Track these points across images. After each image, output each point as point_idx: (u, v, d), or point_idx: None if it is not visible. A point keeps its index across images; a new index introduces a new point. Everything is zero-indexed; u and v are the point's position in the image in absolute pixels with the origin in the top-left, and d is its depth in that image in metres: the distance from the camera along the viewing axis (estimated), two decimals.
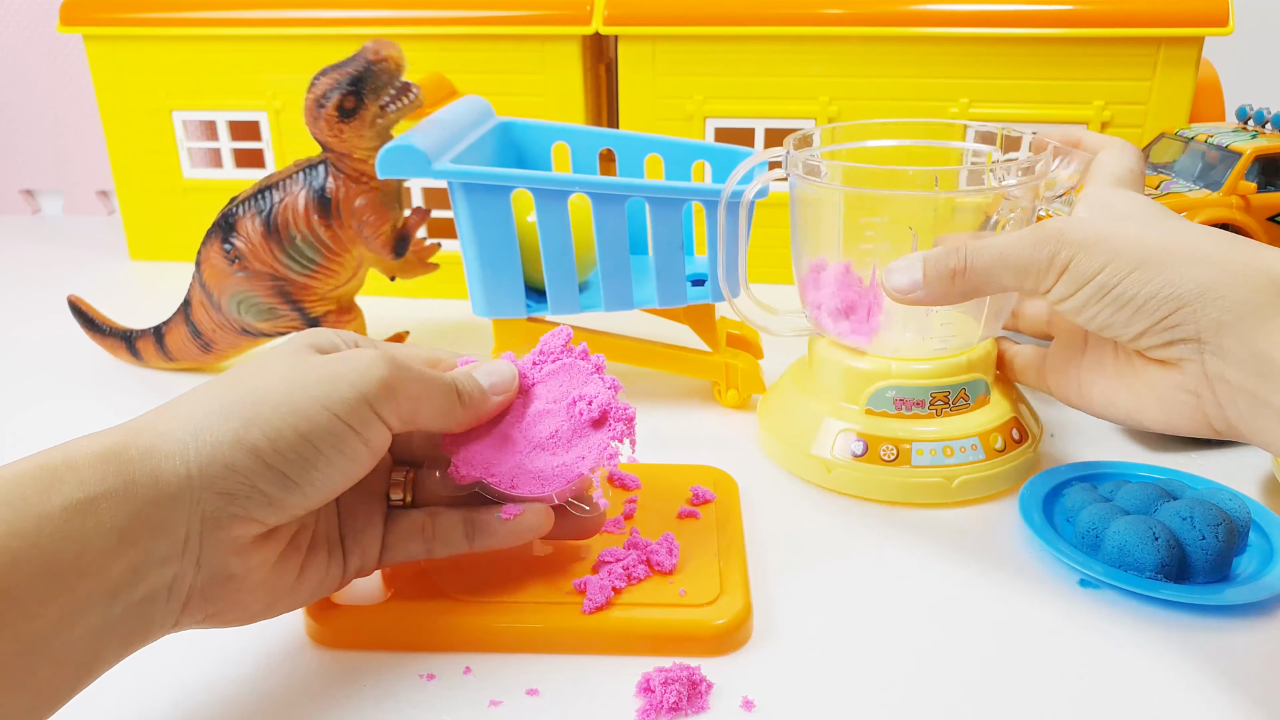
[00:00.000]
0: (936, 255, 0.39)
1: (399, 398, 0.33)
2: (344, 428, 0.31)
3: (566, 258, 0.54)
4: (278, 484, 0.31)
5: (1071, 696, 0.35)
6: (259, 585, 0.32)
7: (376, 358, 0.33)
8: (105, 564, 0.27)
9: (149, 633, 0.30)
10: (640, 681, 0.35)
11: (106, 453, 0.29)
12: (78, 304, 0.63)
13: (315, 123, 0.53)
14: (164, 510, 0.29)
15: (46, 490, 0.27)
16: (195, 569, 0.30)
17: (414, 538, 0.37)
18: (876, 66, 0.69)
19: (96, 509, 0.27)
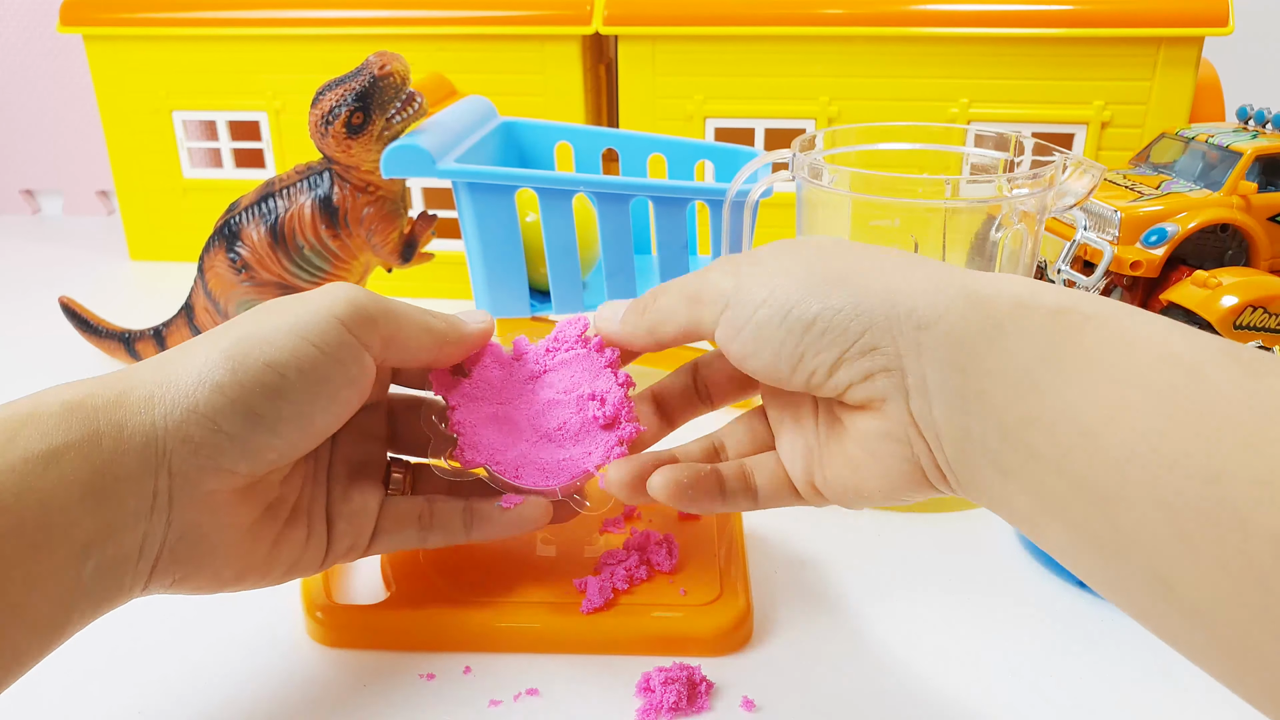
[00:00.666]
0: (640, 297, 0.35)
1: (376, 319, 0.32)
2: (315, 350, 0.30)
3: (570, 257, 0.54)
4: (242, 420, 0.29)
5: (1072, 699, 0.35)
6: (231, 550, 0.31)
7: (350, 285, 0.32)
8: (71, 520, 0.26)
9: (119, 594, 0.28)
10: (640, 681, 0.35)
11: (72, 402, 0.27)
12: (70, 305, 0.62)
13: (322, 139, 0.53)
14: (130, 462, 0.27)
15: (10, 441, 0.26)
16: (165, 527, 0.29)
17: (410, 524, 0.36)
18: (876, 66, 0.69)
19: (59, 461, 0.26)
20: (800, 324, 0.29)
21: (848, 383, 0.29)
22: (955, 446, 0.27)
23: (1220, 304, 0.49)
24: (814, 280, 0.29)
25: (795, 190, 0.49)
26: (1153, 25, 0.64)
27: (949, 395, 0.27)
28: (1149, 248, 0.53)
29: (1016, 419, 0.25)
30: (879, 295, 0.28)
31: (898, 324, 0.28)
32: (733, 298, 0.30)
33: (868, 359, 0.28)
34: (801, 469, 0.33)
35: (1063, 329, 0.26)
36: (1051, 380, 0.25)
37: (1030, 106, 0.68)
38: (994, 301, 0.27)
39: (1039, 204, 0.45)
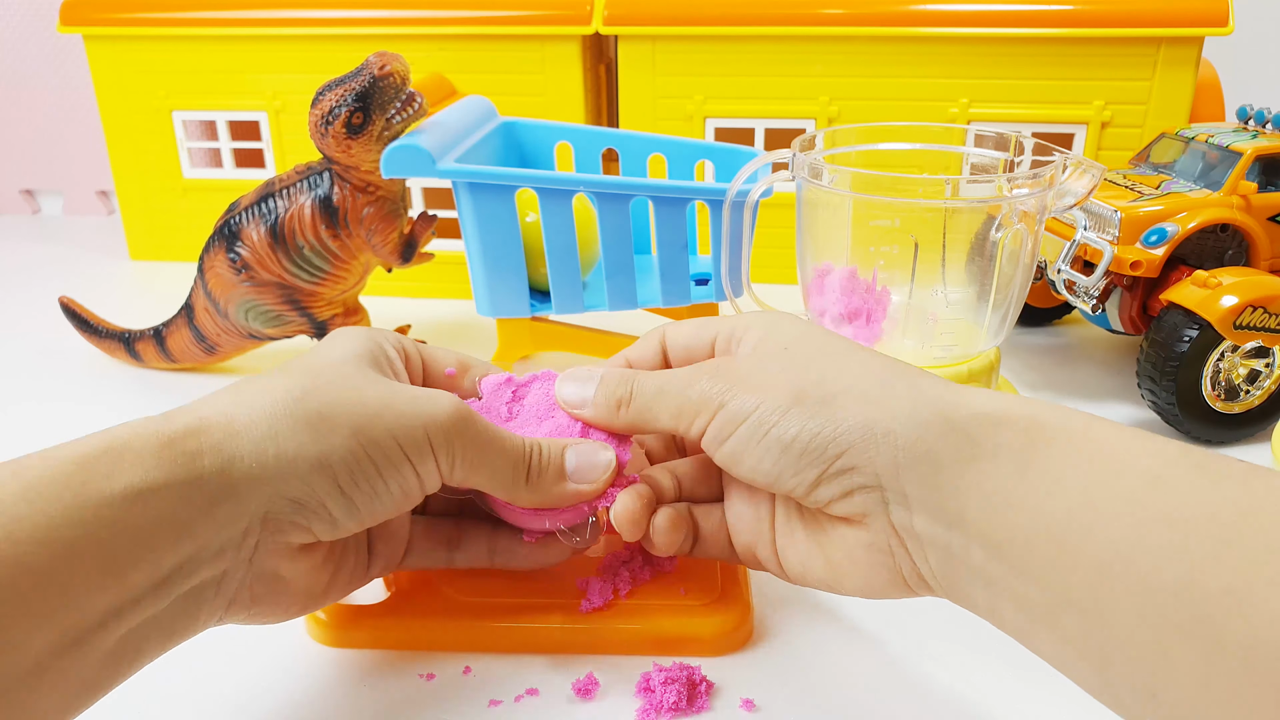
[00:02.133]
0: (609, 380, 0.35)
1: (463, 448, 0.32)
2: (408, 466, 0.31)
3: (570, 257, 0.54)
4: (345, 510, 0.31)
5: (1072, 696, 0.35)
6: (301, 587, 0.32)
7: (449, 403, 0.32)
8: (160, 558, 0.27)
9: (193, 627, 0.29)
10: (640, 681, 0.35)
11: (173, 439, 0.28)
12: (70, 305, 0.62)
13: (322, 139, 0.53)
14: (229, 509, 0.28)
15: (109, 475, 0.26)
16: (247, 567, 0.30)
17: (440, 546, 0.38)
18: (876, 66, 0.69)
19: (158, 499, 0.27)
20: (779, 444, 0.30)
21: (828, 498, 0.30)
22: (939, 560, 0.29)
23: (1220, 304, 0.49)
24: (795, 398, 0.30)
25: (795, 190, 0.49)
26: (1153, 25, 0.64)
27: (930, 511, 0.28)
28: (1149, 248, 0.53)
29: (997, 536, 0.27)
30: (857, 418, 0.29)
31: (875, 446, 0.29)
32: (721, 409, 0.31)
33: (846, 478, 0.29)
34: (747, 540, 0.35)
35: (1034, 444, 0.27)
36: (1026, 496, 0.26)
37: (1030, 106, 0.68)
38: (967, 421, 0.28)
39: (1039, 204, 0.45)
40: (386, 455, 0.31)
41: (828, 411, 0.30)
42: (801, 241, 0.49)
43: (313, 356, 0.33)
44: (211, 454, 0.28)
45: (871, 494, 0.29)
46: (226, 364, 0.62)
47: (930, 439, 0.28)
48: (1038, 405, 0.28)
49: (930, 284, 0.48)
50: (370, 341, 0.35)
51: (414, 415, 0.31)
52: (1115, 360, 0.63)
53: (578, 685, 0.35)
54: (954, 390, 0.30)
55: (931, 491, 0.28)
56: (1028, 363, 0.63)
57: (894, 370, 0.31)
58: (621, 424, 0.35)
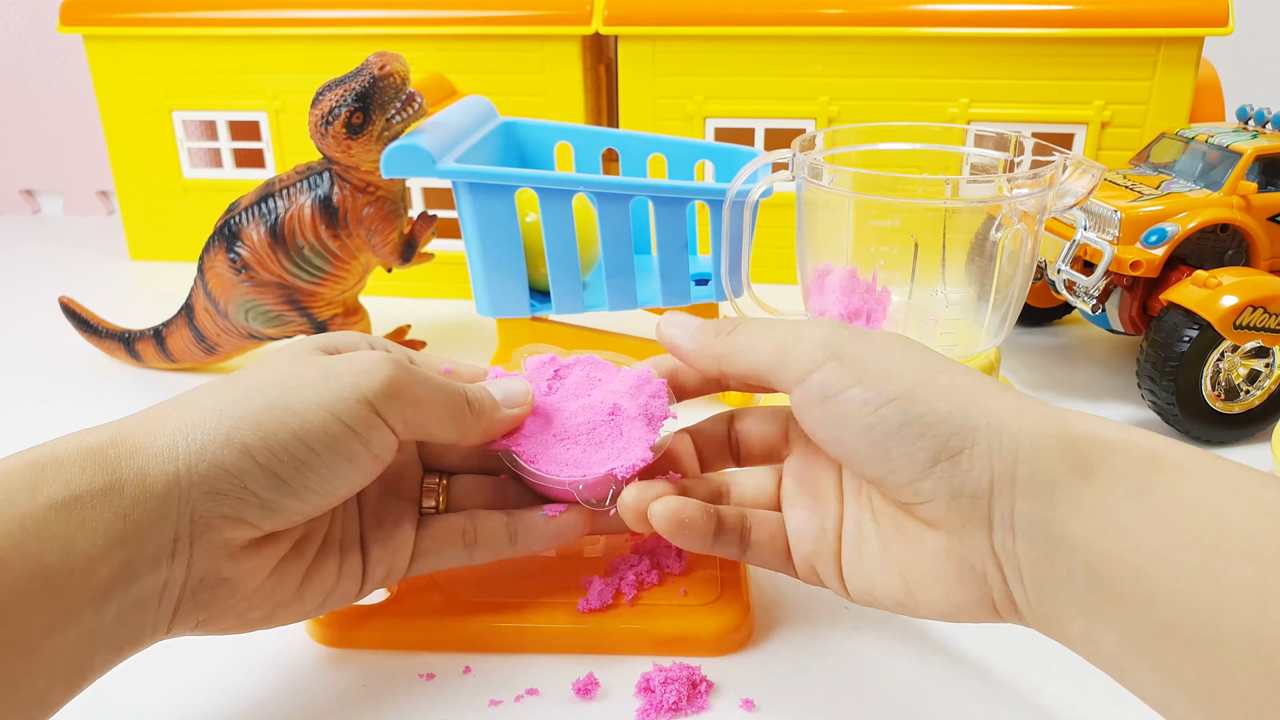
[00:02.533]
0: (714, 320, 0.34)
1: (403, 400, 0.31)
2: (343, 428, 0.30)
3: (570, 257, 0.54)
4: (270, 485, 0.29)
5: (1073, 696, 0.35)
6: (255, 592, 0.31)
7: (380, 358, 0.31)
8: (92, 566, 0.26)
9: (140, 640, 0.29)
10: (640, 681, 0.35)
11: (93, 450, 0.28)
12: (70, 305, 0.62)
13: (322, 139, 0.53)
14: (151, 509, 0.28)
15: (33, 488, 0.26)
16: (185, 572, 0.29)
17: (453, 543, 0.36)
18: (876, 66, 0.69)
19: (82, 508, 0.27)
20: (898, 417, 0.28)
21: (930, 496, 0.28)
22: (1037, 583, 0.27)
23: (1220, 304, 0.49)
24: (925, 379, 0.28)
25: (795, 190, 0.49)
26: (1153, 25, 0.64)
27: (1036, 531, 0.27)
28: (1149, 248, 0.53)
29: (1105, 559, 0.25)
30: (985, 416, 0.28)
31: (999, 450, 0.27)
32: (828, 364, 0.29)
33: (960, 477, 0.27)
34: (807, 551, 0.33)
35: (1153, 471, 0.26)
36: (1139, 523, 0.25)
37: (1030, 106, 0.68)
38: (1088, 442, 0.27)
39: (1039, 204, 0.45)
40: (308, 420, 0.29)
41: (957, 399, 0.28)
42: (801, 241, 0.49)
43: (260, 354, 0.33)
44: (129, 458, 0.28)
45: (978, 503, 0.27)
46: (226, 364, 0.62)
47: (1050, 454, 0.27)
48: (1156, 437, 0.27)
49: (930, 284, 0.48)
50: (328, 336, 0.34)
51: (341, 378, 0.30)
52: (1115, 360, 0.63)
53: (578, 685, 0.35)
54: (1067, 411, 0.29)
55: (1041, 510, 0.26)
56: (1028, 363, 0.63)
57: (1005, 386, 0.30)
58: (716, 351, 0.32)
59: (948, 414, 0.28)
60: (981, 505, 0.27)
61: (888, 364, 0.29)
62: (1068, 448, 0.27)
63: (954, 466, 0.27)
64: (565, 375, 0.38)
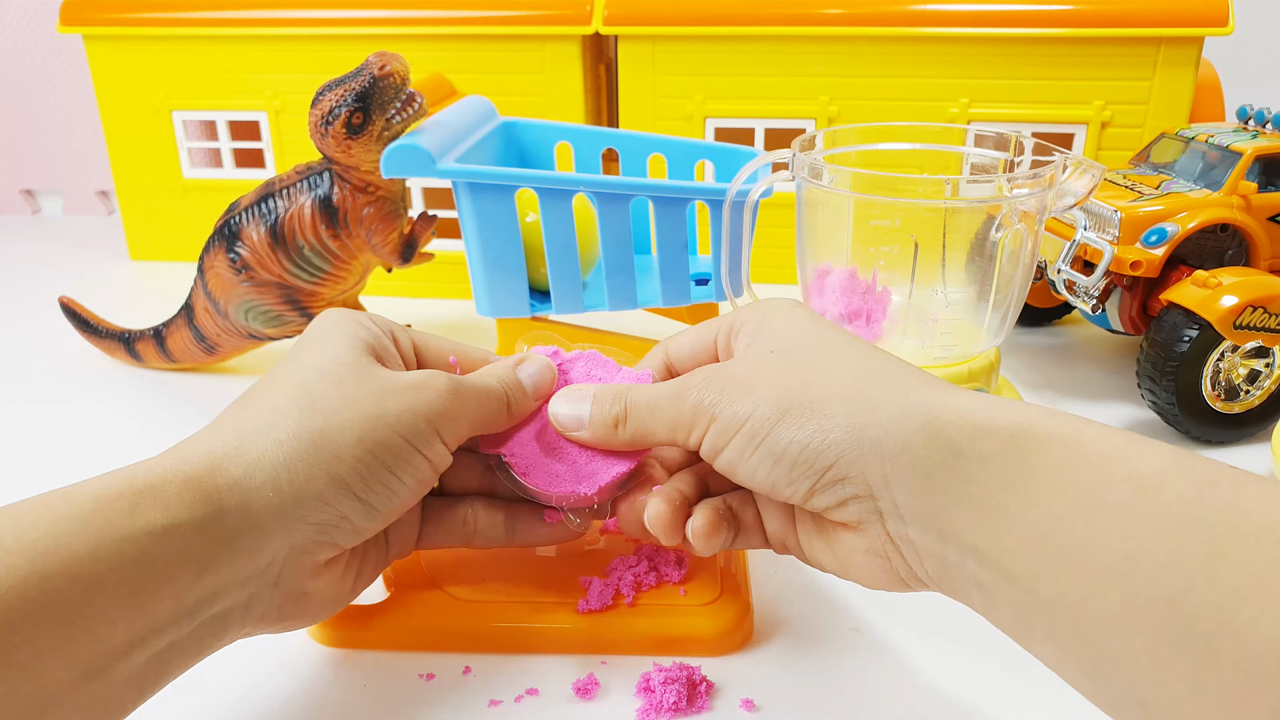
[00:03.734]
0: (602, 398, 0.35)
1: (459, 420, 0.34)
2: (419, 456, 0.32)
3: (570, 257, 0.54)
4: (365, 515, 0.31)
5: (1072, 697, 0.35)
6: (328, 598, 0.33)
7: (440, 382, 0.33)
8: (184, 591, 0.27)
9: (217, 645, 0.30)
10: (640, 681, 0.35)
11: (192, 480, 0.29)
12: (70, 305, 0.62)
13: (322, 139, 0.53)
14: (251, 539, 0.29)
15: (130, 513, 0.27)
16: (272, 590, 0.30)
17: (455, 531, 0.38)
18: (876, 66, 0.69)
19: (182, 536, 0.27)
20: (771, 456, 0.30)
21: (824, 506, 0.30)
22: (935, 566, 0.29)
23: (1220, 304, 0.49)
24: (782, 409, 0.30)
25: (795, 190, 0.49)
26: (1153, 25, 0.64)
27: (922, 522, 0.28)
28: (1149, 248, 0.53)
29: (987, 546, 0.27)
30: (844, 428, 0.29)
31: (863, 456, 0.29)
32: (714, 422, 0.31)
33: (839, 487, 0.30)
34: (776, 531, 0.35)
35: (1021, 451, 0.27)
36: (1015, 504, 0.26)
37: (1030, 106, 0.68)
38: (954, 429, 0.28)
39: (1039, 204, 0.45)
40: (395, 453, 0.31)
41: (814, 421, 0.30)
42: (801, 242, 0.49)
43: (303, 355, 0.33)
44: (230, 490, 0.29)
45: (865, 503, 0.29)
46: (226, 364, 0.62)
47: (916, 448, 0.28)
48: (1025, 411, 0.28)
49: (930, 284, 0.48)
50: (358, 329, 0.35)
51: (413, 408, 0.32)
52: (1115, 360, 0.63)
53: (578, 685, 0.35)
54: (941, 392, 0.30)
55: (922, 502, 0.28)
56: (1028, 363, 0.63)
57: (881, 372, 0.31)
58: (621, 442, 0.34)
59: (807, 442, 0.29)
60: (869, 506, 0.29)
61: (752, 400, 0.31)
62: (934, 438, 0.28)
63: (831, 483, 0.30)
64: (568, 370, 0.38)
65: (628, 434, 0.34)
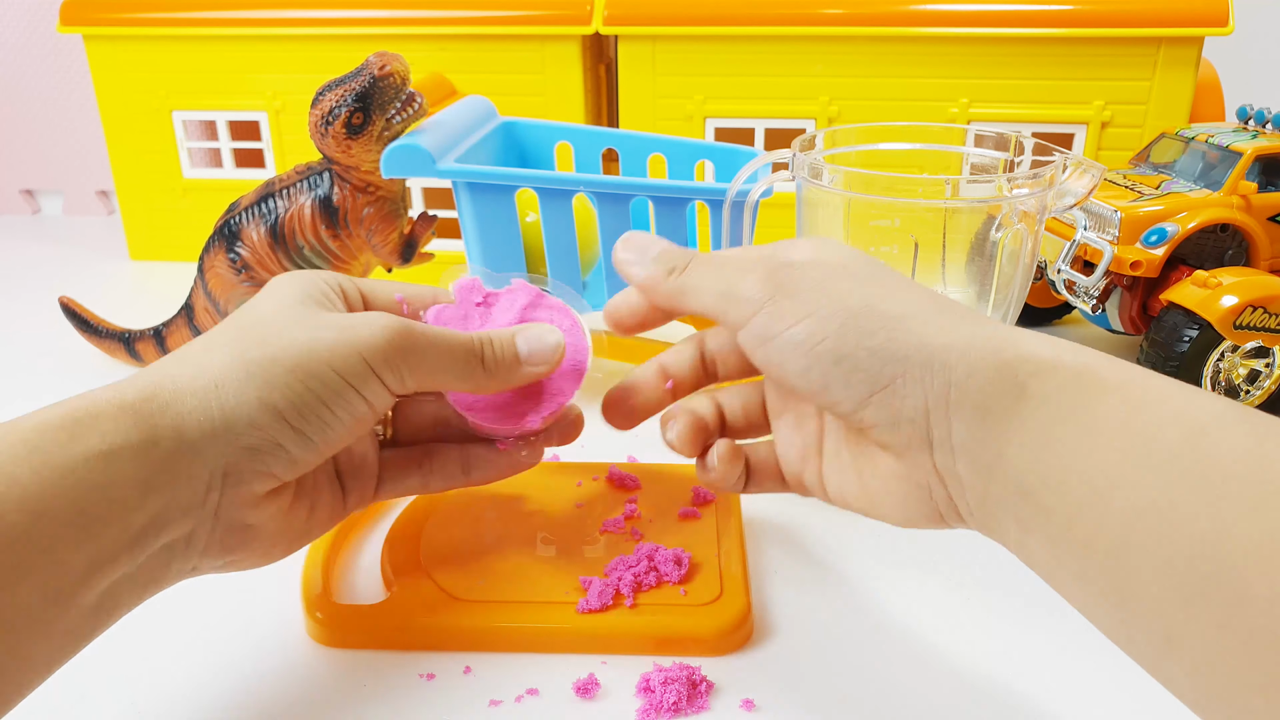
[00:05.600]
0: (671, 249, 0.34)
1: (411, 360, 0.33)
2: (352, 392, 0.32)
3: (570, 257, 0.54)
4: (299, 443, 0.31)
5: (1074, 695, 0.35)
6: (274, 532, 0.33)
7: (382, 324, 0.33)
8: (128, 513, 0.28)
9: (164, 579, 0.31)
10: (640, 682, 0.35)
11: (127, 405, 0.29)
12: (70, 305, 0.62)
13: (322, 139, 0.53)
14: (186, 462, 0.29)
15: (70, 439, 0.28)
16: (213, 520, 0.31)
17: (410, 473, 0.38)
18: (876, 66, 0.69)
19: (120, 459, 0.28)
20: (832, 354, 0.29)
21: (873, 422, 0.29)
22: (977, 497, 0.28)
23: (1220, 304, 0.49)
24: (853, 314, 0.29)
25: (795, 190, 0.49)
26: (1153, 25, 0.64)
27: (973, 452, 0.28)
28: (1149, 248, 0.53)
29: (1034, 478, 0.26)
30: (915, 344, 0.29)
31: (930, 377, 0.28)
32: (766, 306, 0.30)
33: (896, 404, 0.29)
34: (795, 468, 0.35)
35: (1082, 391, 0.27)
36: (1066, 441, 0.26)
37: (1030, 106, 0.68)
38: (1020, 364, 0.28)
39: (1039, 204, 0.45)
40: (328, 386, 0.31)
41: (888, 330, 0.29)
42: None
43: (251, 305, 0.34)
44: (163, 414, 0.29)
45: (917, 427, 0.29)
46: None
47: (980, 379, 0.28)
48: (1091, 354, 0.28)
49: (930, 284, 0.48)
50: (305, 282, 0.35)
51: (348, 343, 0.32)
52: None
53: (578, 685, 0.35)
54: (1008, 330, 0.29)
55: (977, 432, 0.28)
56: None
57: (949, 303, 0.31)
58: (665, 291, 0.33)
59: (879, 346, 0.29)
60: (920, 429, 0.29)
61: (823, 298, 0.30)
62: (1001, 369, 0.28)
63: (889, 395, 0.29)
64: (494, 301, 0.39)
65: (676, 283, 0.33)
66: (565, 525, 0.43)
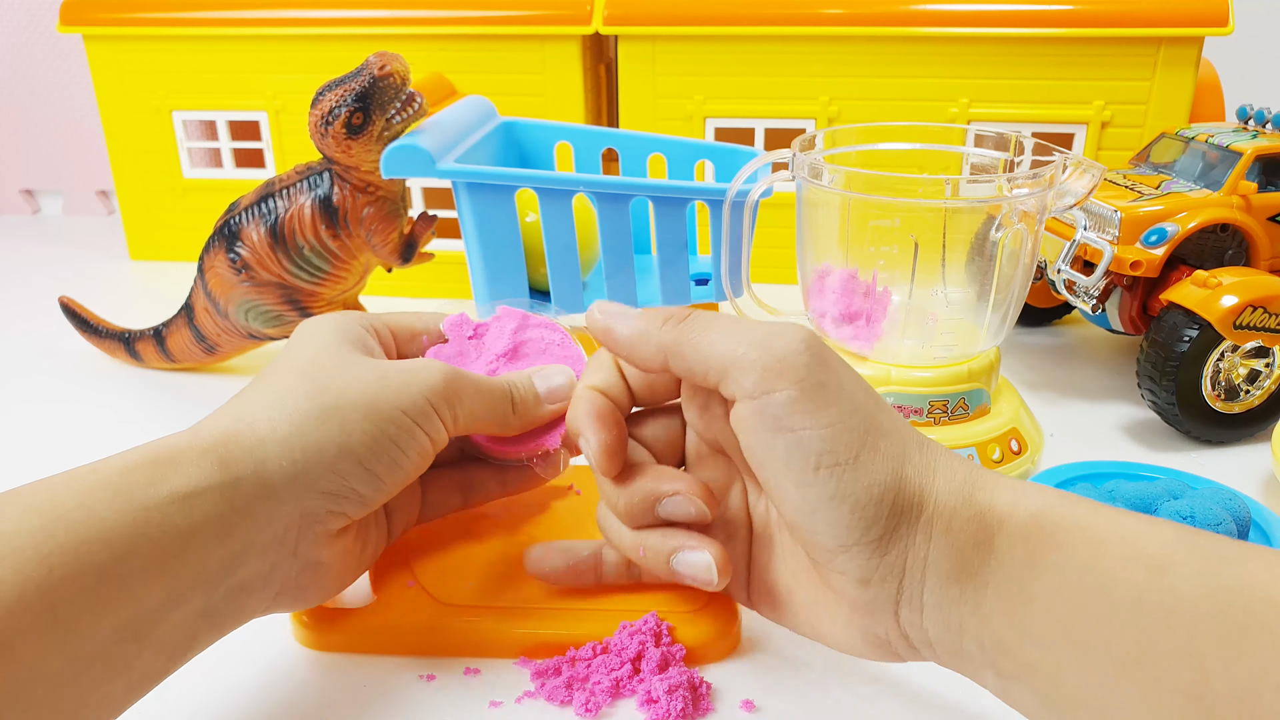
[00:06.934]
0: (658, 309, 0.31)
1: (459, 402, 0.35)
2: (419, 431, 0.34)
3: (570, 257, 0.54)
4: (372, 485, 0.33)
5: None
6: (342, 570, 0.35)
7: (438, 369, 0.35)
8: (207, 554, 0.29)
9: (242, 616, 0.32)
10: (641, 695, 0.35)
11: (209, 448, 0.30)
12: (70, 305, 0.62)
13: (322, 139, 0.53)
14: (267, 506, 0.30)
15: (152, 482, 0.28)
16: (291, 559, 0.32)
17: (453, 492, 0.40)
18: (876, 66, 0.69)
19: (201, 501, 0.29)
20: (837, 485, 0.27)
21: (843, 571, 0.28)
22: (948, 652, 0.28)
23: (1220, 304, 0.49)
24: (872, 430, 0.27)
25: (795, 190, 0.49)
26: (1153, 25, 0.64)
27: (944, 612, 0.27)
28: (1149, 248, 0.53)
29: (1014, 636, 0.26)
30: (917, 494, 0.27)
31: (918, 534, 0.27)
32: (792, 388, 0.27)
33: (876, 560, 0.27)
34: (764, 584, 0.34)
35: (1043, 537, 0.26)
36: (1039, 592, 0.26)
37: (1030, 106, 0.68)
38: (987, 514, 0.27)
39: (1039, 204, 0.45)
40: (399, 426, 0.33)
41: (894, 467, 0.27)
42: (801, 242, 0.49)
43: (299, 350, 0.35)
44: (246, 458, 0.30)
45: (888, 588, 0.27)
46: (226, 364, 0.62)
47: (961, 530, 0.27)
48: (1040, 494, 0.27)
49: (930, 284, 0.48)
50: (341, 325, 0.37)
51: (413, 387, 0.34)
52: (1115, 360, 0.63)
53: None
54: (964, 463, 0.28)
55: (949, 588, 0.27)
56: (1028, 363, 0.63)
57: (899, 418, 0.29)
58: (659, 340, 0.30)
59: (882, 493, 0.27)
60: (890, 590, 0.28)
61: (846, 407, 0.27)
62: (973, 520, 0.27)
63: (875, 549, 0.27)
64: (483, 332, 0.41)
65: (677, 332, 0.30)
66: (555, 531, 0.43)
